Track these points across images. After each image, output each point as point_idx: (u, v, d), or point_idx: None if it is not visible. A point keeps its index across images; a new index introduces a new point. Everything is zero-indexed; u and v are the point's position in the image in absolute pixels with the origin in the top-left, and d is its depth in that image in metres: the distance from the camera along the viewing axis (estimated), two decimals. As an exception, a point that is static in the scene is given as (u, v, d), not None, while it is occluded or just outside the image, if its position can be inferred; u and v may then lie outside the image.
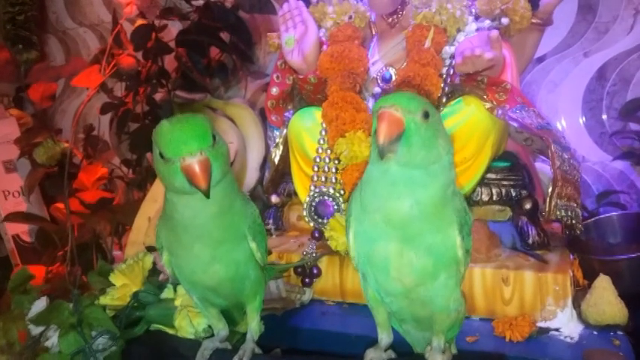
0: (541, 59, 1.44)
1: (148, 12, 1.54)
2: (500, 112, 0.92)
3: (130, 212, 1.53)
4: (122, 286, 0.77)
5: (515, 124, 0.91)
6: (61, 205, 1.56)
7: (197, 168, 0.56)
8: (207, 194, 0.57)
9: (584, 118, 1.44)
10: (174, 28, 1.73)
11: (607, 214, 1.06)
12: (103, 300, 0.77)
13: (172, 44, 1.61)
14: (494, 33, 0.90)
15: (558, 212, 0.85)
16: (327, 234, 0.92)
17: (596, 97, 1.42)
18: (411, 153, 0.55)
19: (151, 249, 1.01)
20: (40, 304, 0.80)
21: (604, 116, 1.41)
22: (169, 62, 1.67)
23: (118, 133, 1.68)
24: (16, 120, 1.79)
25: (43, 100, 1.53)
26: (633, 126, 1.34)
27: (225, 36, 1.63)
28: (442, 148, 0.58)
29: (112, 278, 0.78)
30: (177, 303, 0.75)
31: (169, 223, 0.64)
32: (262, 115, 1.57)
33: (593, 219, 1.05)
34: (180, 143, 0.56)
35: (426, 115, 0.56)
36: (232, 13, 1.61)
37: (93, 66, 1.52)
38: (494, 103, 0.92)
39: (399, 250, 0.59)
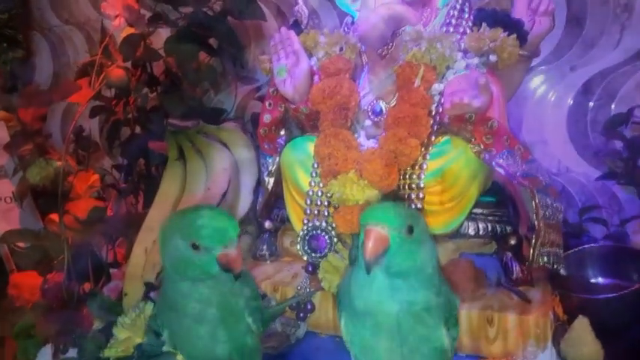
0: (528, 71, 1.46)
1: (136, 24, 1.53)
2: (487, 156, 0.95)
3: (124, 225, 1.57)
4: (126, 339, 0.81)
5: (501, 171, 0.94)
6: (55, 217, 1.58)
7: (236, 254, 0.60)
8: (239, 277, 0.62)
9: (569, 131, 1.47)
10: (164, 31, 1.72)
11: (587, 246, 1.11)
12: (108, 352, 0.80)
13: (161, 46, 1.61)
14: (482, 79, 0.92)
15: (541, 259, 0.89)
16: (320, 275, 0.96)
17: (581, 111, 1.46)
18: (396, 265, 0.59)
19: (148, 285, 1.04)
20: (46, 354, 0.83)
21: (588, 129, 1.45)
22: (158, 65, 1.67)
23: (110, 141, 1.69)
24: (5, 123, 1.78)
25: (34, 122, 1.54)
26: (618, 142, 1.38)
27: (213, 41, 1.63)
28: (426, 256, 0.61)
29: (116, 331, 0.81)
30: (178, 358, 0.79)
31: (172, 306, 0.67)
32: (253, 122, 1.59)
33: (572, 251, 1.09)
34: (224, 232, 0.61)
35: (411, 230, 0.59)
36: (221, 20, 1.61)
37: (82, 79, 1.51)
38: (482, 147, 0.95)
39: (388, 345, 0.63)
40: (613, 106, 1.42)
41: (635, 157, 1.27)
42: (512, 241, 0.98)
